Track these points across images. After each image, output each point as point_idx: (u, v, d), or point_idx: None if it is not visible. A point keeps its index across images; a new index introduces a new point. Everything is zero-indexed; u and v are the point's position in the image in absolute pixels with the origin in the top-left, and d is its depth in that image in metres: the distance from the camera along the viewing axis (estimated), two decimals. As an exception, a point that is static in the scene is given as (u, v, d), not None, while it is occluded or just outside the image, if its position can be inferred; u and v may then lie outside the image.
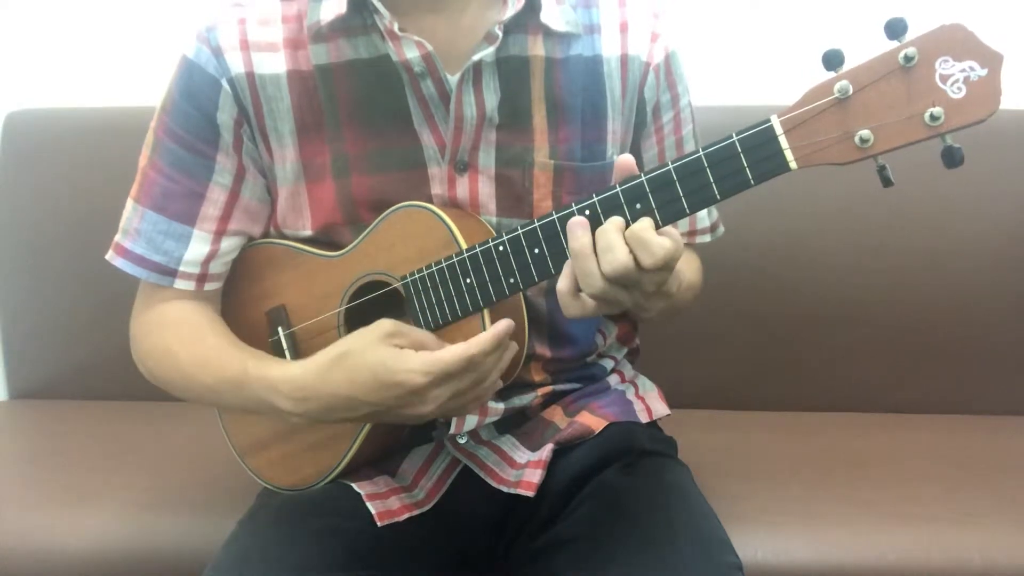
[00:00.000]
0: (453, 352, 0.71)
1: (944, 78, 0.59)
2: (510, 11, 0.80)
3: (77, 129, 1.45)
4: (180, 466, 1.17)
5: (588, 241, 0.66)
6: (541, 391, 0.90)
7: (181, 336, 0.86)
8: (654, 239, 0.64)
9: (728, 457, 1.18)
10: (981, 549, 0.97)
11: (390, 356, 0.72)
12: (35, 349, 1.49)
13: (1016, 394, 1.36)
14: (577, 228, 0.66)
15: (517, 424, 0.90)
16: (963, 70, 0.58)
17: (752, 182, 0.63)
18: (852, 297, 1.36)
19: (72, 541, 1.02)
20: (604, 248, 0.65)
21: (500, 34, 0.79)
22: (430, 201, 0.82)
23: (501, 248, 0.73)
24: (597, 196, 0.68)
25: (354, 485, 0.84)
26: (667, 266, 0.64)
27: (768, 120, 0.63)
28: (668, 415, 0.97)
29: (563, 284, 0.68)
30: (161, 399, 1.39)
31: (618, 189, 0.66)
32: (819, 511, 1.04)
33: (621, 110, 0.87)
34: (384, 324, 0.74)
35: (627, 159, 0.67)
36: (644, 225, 0.64)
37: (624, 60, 0.86)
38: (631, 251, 0.64)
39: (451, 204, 0.83)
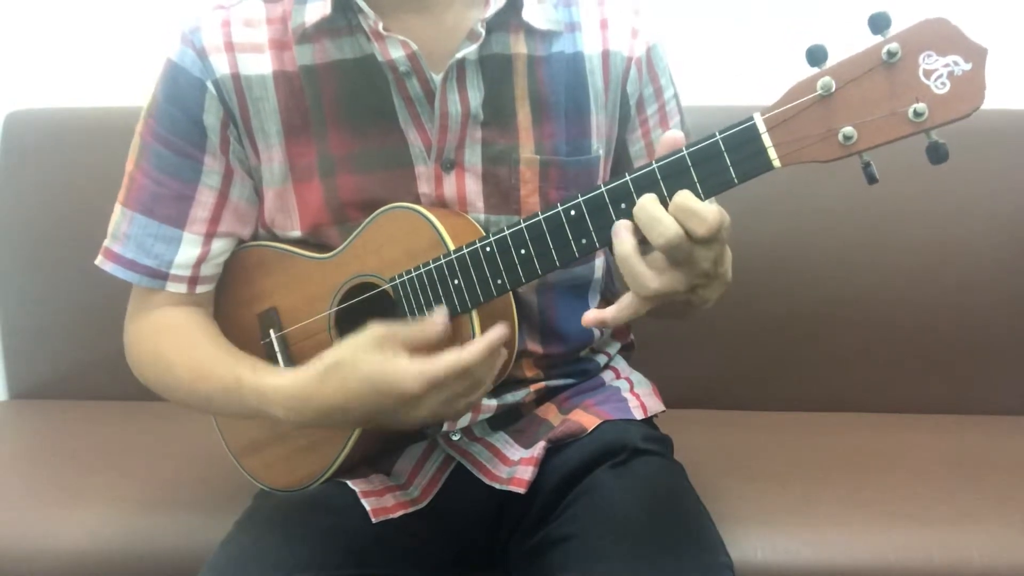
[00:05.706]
0: (446, 360, 0.69)
1: (928, 73, 0.57)
2: (492, 9, 0.80)
3: (77, 129, 1.44)
4: (179, 466, 1.17)
5: (634, 243, 0.63)
6: (534, 387, 0.89)
7: (175, 343, 0.85)
8: (702, 205, 0.60)
9: (728, 457, 1.18)
10: (981, 549, 0.96)
11: (383, 364, 0.70)
12: (35, 349, 1.49)
13: (1016, 394, 1.36)
14: (622, 231, 0.63)
15: (511, 421, 0.90)
16: (947, 65, 0.57)
17: (736, 181, 0.62)
18: (852, 297, 1.35)
19: (71, 541, 1.02)
20: (648, 221, 0.61)
21: (483, 32, 0.79)
22: (418, 200, 0.82)
23: (488, 249, 0.72)
24: (582, 196, 0.67)
25: (349, 483, 0.84)
26: (719, 236, 0.62)
27: (751, 118, 0.62)
28: (663, 411, 0.97)
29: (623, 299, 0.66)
30: (160, 399, 1.40)
31: (603, 189, 0.66)
32: (819, 511, 1.03)
33: (604, 105, 0.87)
34: (375, 330, 0.72)
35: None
36: (686, 194, 0.61)
37: (605, 56, 0.86)
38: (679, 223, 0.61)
39: (439, 203, 0.83)
